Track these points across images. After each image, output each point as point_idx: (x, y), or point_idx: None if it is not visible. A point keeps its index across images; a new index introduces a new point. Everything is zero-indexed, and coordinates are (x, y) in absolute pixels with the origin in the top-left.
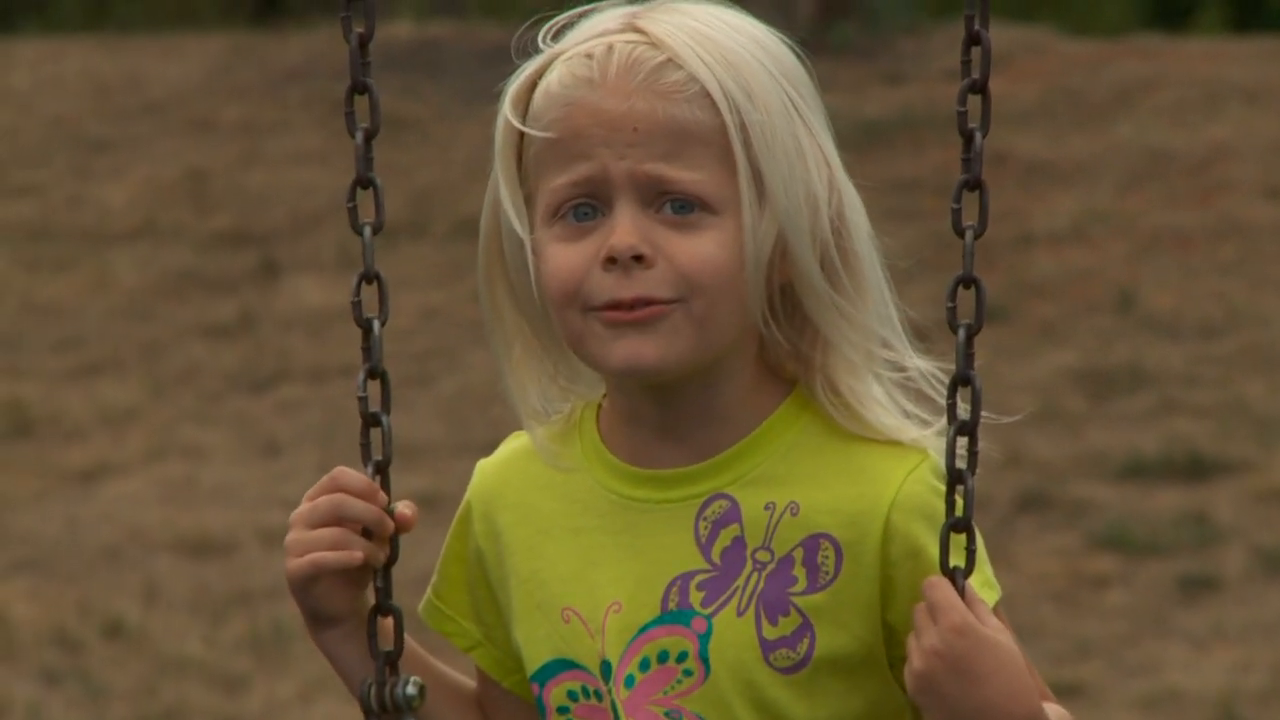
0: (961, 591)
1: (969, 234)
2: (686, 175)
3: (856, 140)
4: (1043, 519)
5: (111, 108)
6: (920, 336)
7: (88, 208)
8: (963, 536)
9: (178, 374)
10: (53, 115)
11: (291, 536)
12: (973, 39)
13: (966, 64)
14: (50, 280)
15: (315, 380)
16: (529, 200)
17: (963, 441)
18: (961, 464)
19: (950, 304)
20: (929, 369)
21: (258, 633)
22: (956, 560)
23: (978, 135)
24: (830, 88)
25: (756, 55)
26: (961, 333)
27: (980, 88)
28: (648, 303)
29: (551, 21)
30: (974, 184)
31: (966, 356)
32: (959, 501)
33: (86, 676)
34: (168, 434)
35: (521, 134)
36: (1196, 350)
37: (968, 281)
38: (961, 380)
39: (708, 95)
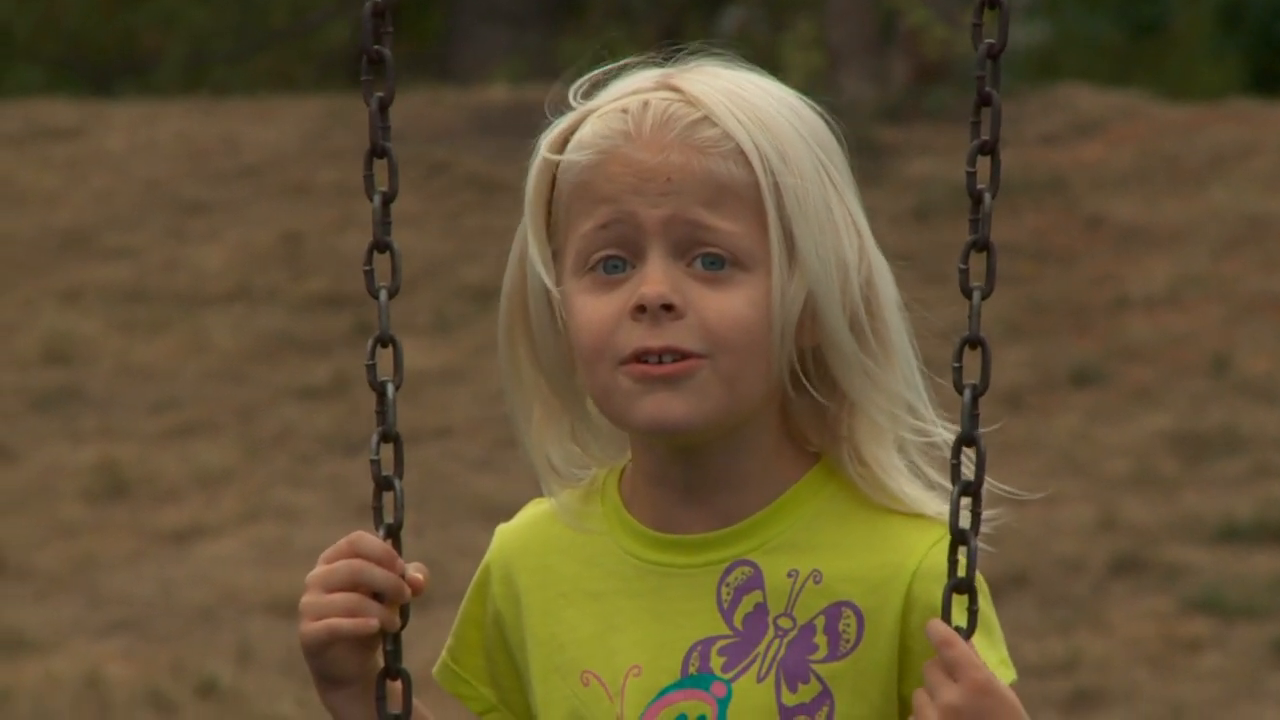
0: None
1: (976, 295)
2: (723, 225)
3: (951, 205)
4: (1137, 582)
5: (207, 171)
6: (1013, 402)
7: (183, 270)
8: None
9: (272, 436)
10: (148, 178)
11: (307, 599)
12: (983, 99)
13: (976, 125)
14: (146, 342)
15: (409, 442)
16: (557, 255)
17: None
18: (965, 524)
19: (956, 364)
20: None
21: None
22: (959, 621)
23: (987, 196)
24: (925, 152)
25: (790, 119)
26: (967, 394)
27: (990, 149)
28: (676, 353)
29: (582, 79)
30: (982, 245)
31: (972, 418)
32: (961, 561)
33: None
34: (262, 496)
35: (552, 188)
36: None
37: (974, 342)
38: (967, 441)
39: (742, 153)
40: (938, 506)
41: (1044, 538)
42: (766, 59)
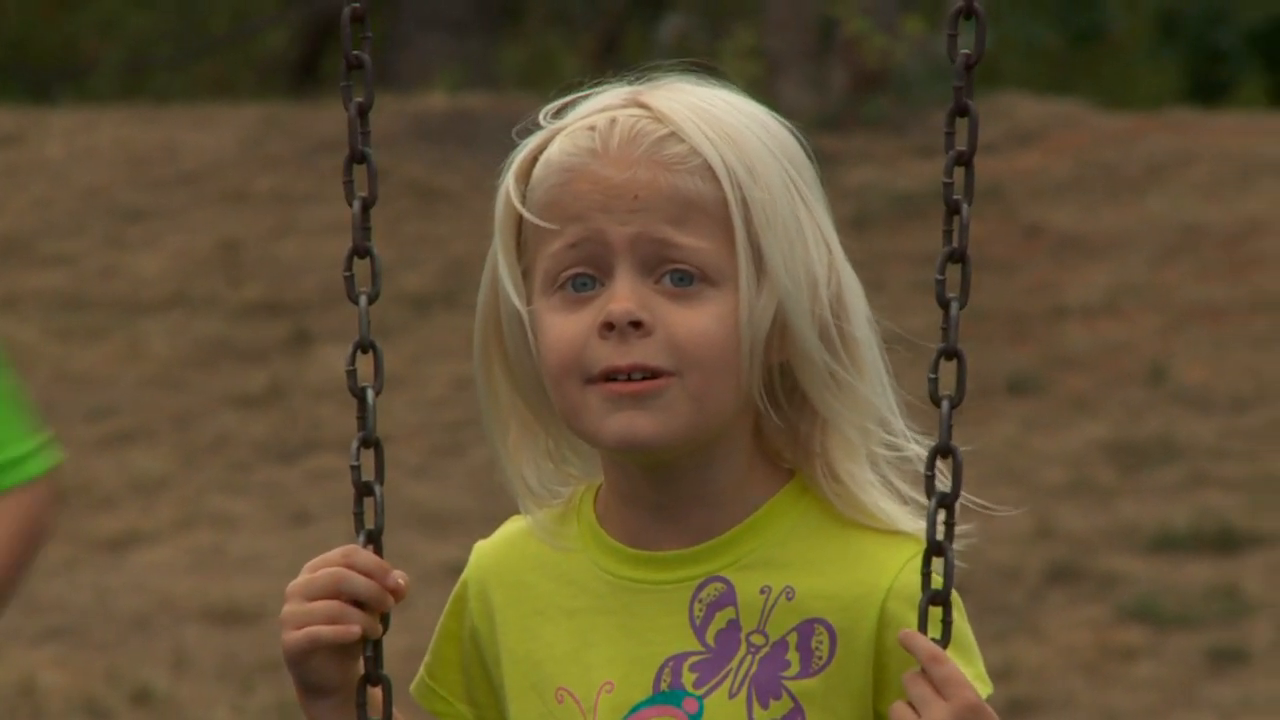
0: None
1: (954, 305)
2: (690, 242)
3: (890, 213)
4: (1073, 591)
5: (145, 178)
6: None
7: (120, 277)
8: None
9: (208, 443)
10: (86, 185)
11: (288, 609)
12: (960, 109)
13: (950, 135)
14: (82, 350)
15: (345, 450)
16: (527, 274)
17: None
18: (941, 536)
19: (932, 375)
20: (924, 454)
21: (285, 702)
22: (934, 634)
23: (964, 207)
24: (864, 161)
25: (758, 134)
26: (945, 405)
27: (966, 160)
28: (644, 370)
29: (553, 103)
30: (959, 256)
31: (948, 429)
32: (936, 577)
33: None
34: (198, 503)
35: (521, 208)
36: (1227, 423)
37: (950, 354)
38: (942, 452)
39: (710, 168)
40: (912, 523)
41: (980, 546)
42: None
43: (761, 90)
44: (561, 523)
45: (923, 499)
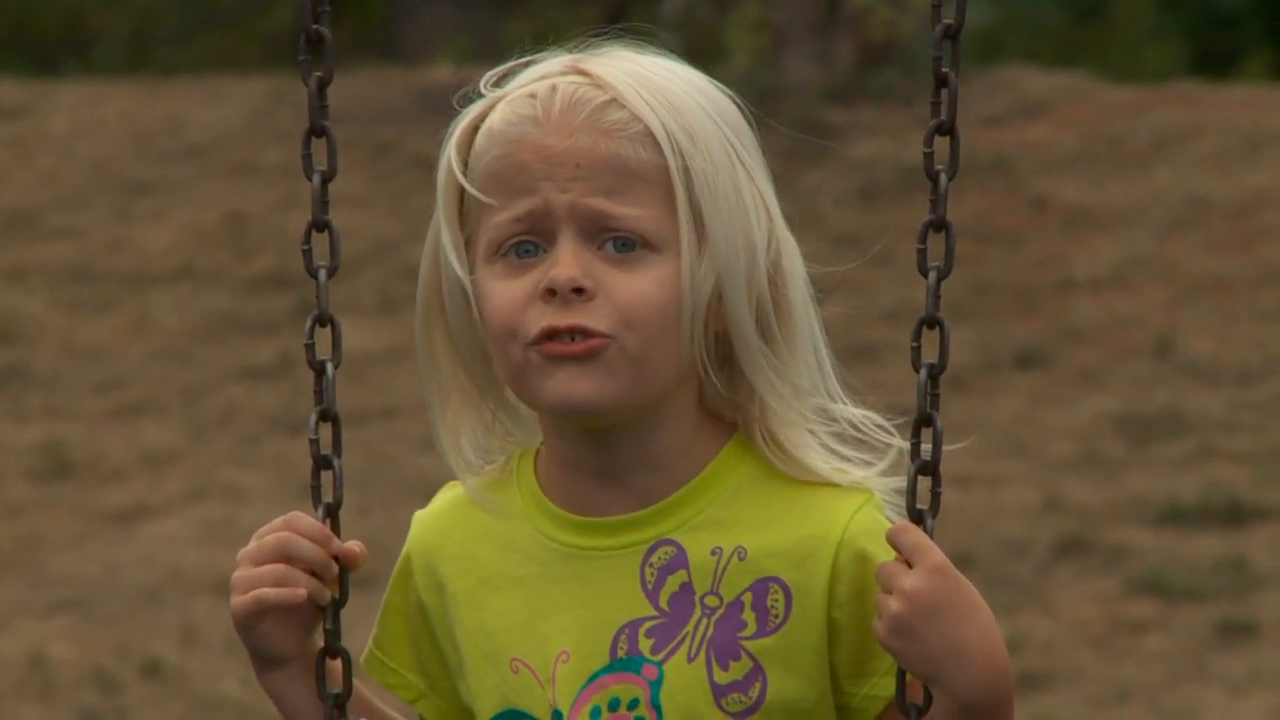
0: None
1: (933, 274)
2: (628, 211)
3: (897, 186)
4: (1082, 564)
5: (152, 151)
6: (956, 384)
7: (128, 250)
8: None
9: (217, 416)
10: (93, 159)
11: (237, 574)
12: (940, 80)
13: (936, 105)
14: (90, 322)
15: (354, 423)
16: (469, 242)
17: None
18: (924, 505)
19: (915, 344)
20: (863, 417)
21: None
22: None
23: (943, 177)
24: (871, 134)
25: (698, 100)
26: (923, 372)
27: (947, 129)
28: (583, 332)
29: (494, 71)
30: (939, 225)
31: (932, 396)
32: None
33: (124, 717)
34: (207, 476)
35: (463, 177)
36: (1235, 396)
37: (931, 322)
38: (924, 421)
39: (650, 135)
40: (857, 473)
41: (988, 519)
42: (711, 41)
43: (767, 64)
44: (500, 490)
45: (866, 457)
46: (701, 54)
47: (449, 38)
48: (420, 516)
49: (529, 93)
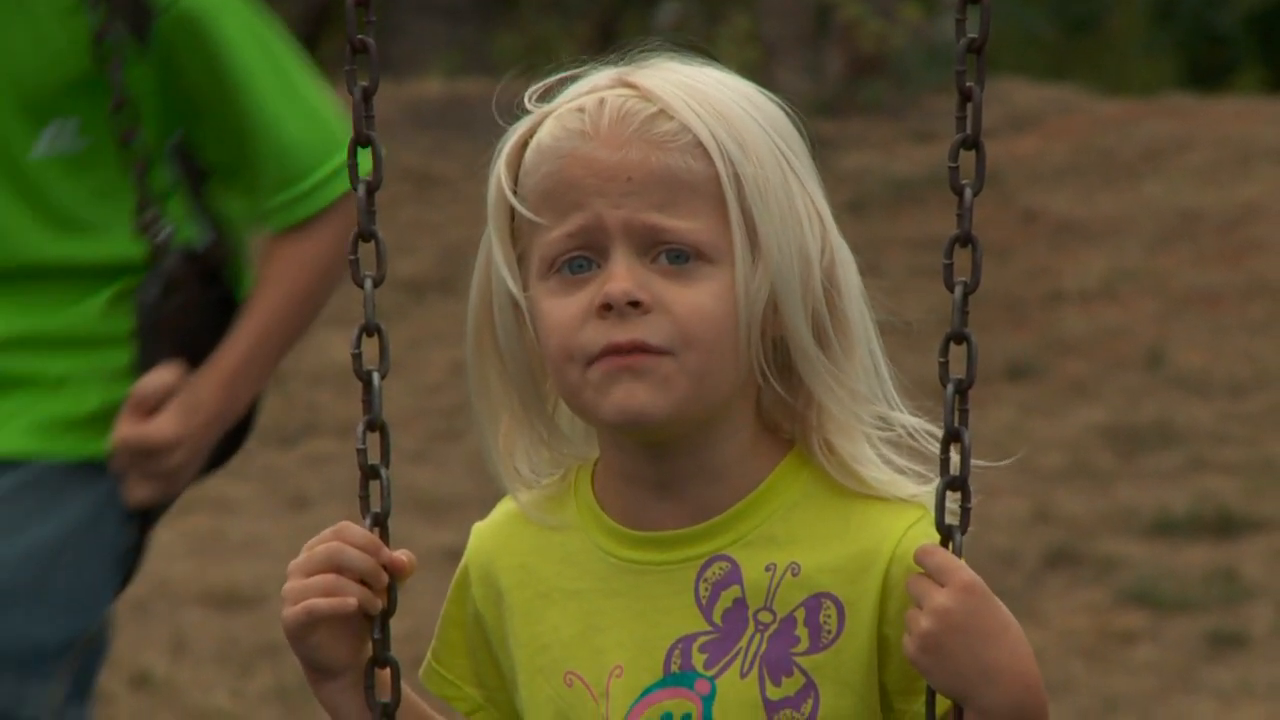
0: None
1: (959, 289)
2: (681, 224)
3: (887, 198)
4: (1072, 575)
5: None
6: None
7: None
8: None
9: None
10: None
11: (287, 586)
12: (965, 95)
13: (961, 120)
14: None
15: (344, 435)
16: (522, 259)
17: (955, 497)
18: (953, 519)
19: (942, 359)
20: (919, 425)
21: (284, 685)
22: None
23: (968, 191)
24: (860, 146)
25: (747, 109)
26: (950, 388)
27: (973, 143)
28: (643, 348)
29: (536, 85)
30: (965, 239)
31: (961, 412)
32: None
33: None
34: (196, 487)
35: (514, 193)
36: (1225, 408)
37: (959, 338)
38: (952, 436)
39: (700, 145)
40: (911, 488)
41: (978, 530)
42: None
43: (758, 76)
44: (558, 504)
45: (920, 469)
46: None
47: (439, 52)
48: (479, 528)
49: (577, 107)
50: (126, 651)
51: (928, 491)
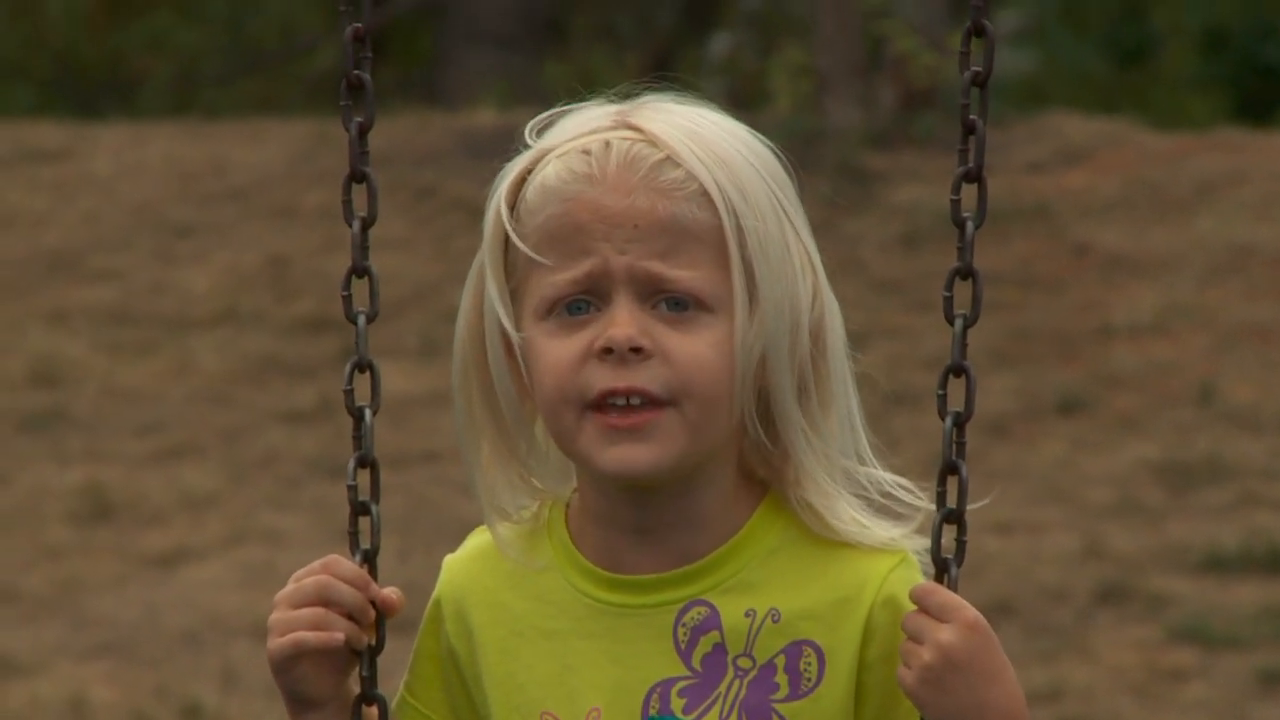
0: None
1: (959, 322)
2: (684, 274)
3: (939, 232)
4: (1122, 611)
5: (194, 193)
6: (997, 430)
7: (169, 293)
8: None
9: (257, 459)
10: (135, 201)
11: (274, 616)
12: (967, 128)
13: (963, 152)
14: (131, 365)
15: (395, 467)
16: (514, 294)
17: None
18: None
19: (940, 391)
20: (892, 481)
21: None
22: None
23: (969, 224)
24: (912, 179)
25: (746, 156)
26: (949, 420)
27: (974, 177)
28: (641, 395)
29: (535, 120)
30: (966, 273)
31: (956, 445)
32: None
33: None
34: (247, 519)
35: (513, 228)
36: (1277, 444)
37: (957, 370)
38: (949, 469)
39: (705, 194)
40: (887, 534)
41: (1028, 566)
42: (755, 85)
43: (810, 108)
44: (531, 540)
45: (893, 515)
46: (745, 98)
47: (490, 81)
48: (450, 562)
49: (581, 148)
50: (177, 683)
51: (904, 534)
